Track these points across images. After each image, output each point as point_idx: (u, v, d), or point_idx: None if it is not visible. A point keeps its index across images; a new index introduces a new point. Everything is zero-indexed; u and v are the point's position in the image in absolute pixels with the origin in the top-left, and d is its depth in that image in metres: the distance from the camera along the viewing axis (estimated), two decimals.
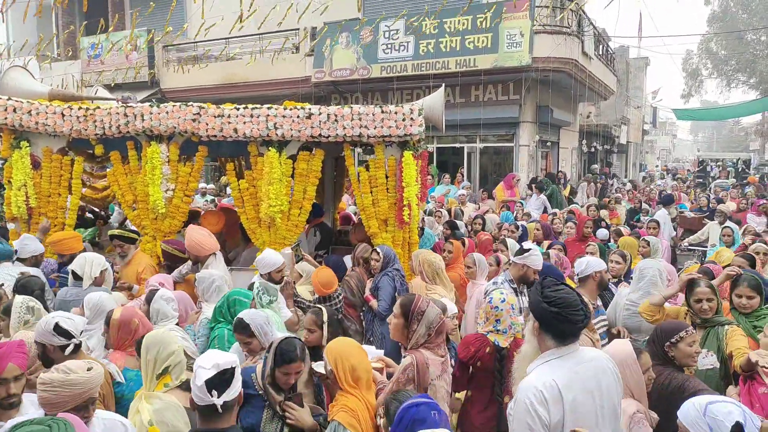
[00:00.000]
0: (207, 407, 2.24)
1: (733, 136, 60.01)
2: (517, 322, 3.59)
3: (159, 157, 5.82)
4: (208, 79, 15.94)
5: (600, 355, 2.50)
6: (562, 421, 2.27)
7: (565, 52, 13.62)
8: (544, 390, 2.27)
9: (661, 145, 55.30)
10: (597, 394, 2.36)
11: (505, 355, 3.49)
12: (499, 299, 3.56)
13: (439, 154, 16.37)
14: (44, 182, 6.31)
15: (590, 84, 15.95)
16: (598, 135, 21.83)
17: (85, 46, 15.39)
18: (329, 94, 15.88)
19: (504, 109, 14.93)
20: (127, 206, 6.18)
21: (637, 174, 30.75)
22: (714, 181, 22.27)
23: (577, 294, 2.48)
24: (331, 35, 14.55)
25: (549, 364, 2.37)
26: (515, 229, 7.42)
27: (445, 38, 13.97)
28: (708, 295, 3.92)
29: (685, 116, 26.74)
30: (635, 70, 29.78)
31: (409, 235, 5.70)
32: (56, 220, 6.34)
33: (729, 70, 35.07)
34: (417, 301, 3.11)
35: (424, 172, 7.27)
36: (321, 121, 5.36)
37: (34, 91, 6.64)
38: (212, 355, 2.35)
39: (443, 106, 6.39)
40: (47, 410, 2.42)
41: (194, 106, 5.69)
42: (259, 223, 5.75)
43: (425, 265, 5.09)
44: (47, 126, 6.11)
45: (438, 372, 3.04)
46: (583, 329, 2.42)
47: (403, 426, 2.28)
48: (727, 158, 27.71)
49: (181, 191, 5.94)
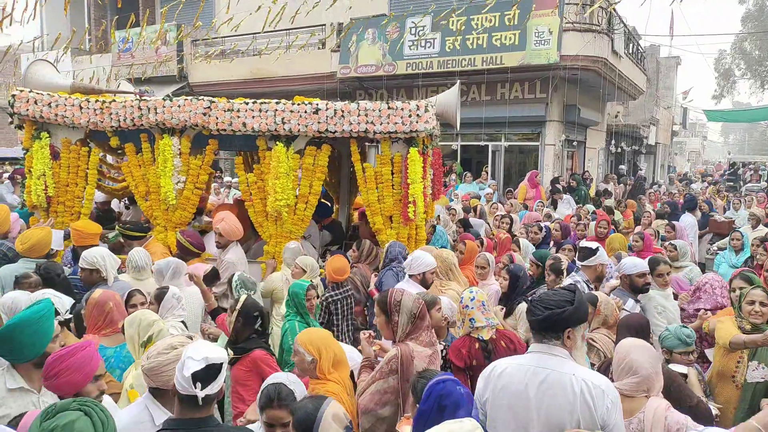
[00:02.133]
0: (188, 397, 2.25)
1: (765, 139, 57.81)
2: (491, 316, 3.53)
3: (171, 150, 5.86)
4: (235, 74, 15.89)
5: (574, 373, 2.42)
6: (488, 402, 2.56)
7: (595, 51, 13.16)
8: (488, 368, 2.64)
9: (691, 147, 53.50)
10: (534, 402, 2.43)
11: (491, 350, 3.43)
12: (469, 298, 3.51)
13: (463, 152, 16.06)
14: (63, 172, 6.38)
15: (619, 83, 15.43)
16: (626, 135, 21.17)
17: (116, 40, 15.53)
18: (354, 90, 15.72)
19: (530, 107, 14.54)
20: (140, 197, 6.21)
21: (666, 176, 29.76)
22: (745, 184, 21.35)
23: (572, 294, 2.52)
24: (357, 31, 14.36)
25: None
26: (539, 230, 7.15)
27: (472, 35, 13.65)
28: (762, 299, 3.60)
29: (716, 117, 25.85)
30: (666, 70, 28.74)
31: (416, 232, 5.58)
32: (73, 209, 6.42)
33: (763, 71, 33.62)
34: (391, 294, 3.18)
35: (438, 169, 7.07)
36: (328, 116, 5.30)
37: (56, 84, 6.75)
38: (203, 347, 2.33)
39: (458, 104, 6.19)
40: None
41: (205, 100, 5.70)
42: (266, 217, 5.73)
43: (438, 261, 4.92)
44: (66, 118, 6.19)
45: (424, 365, 3.04)
46: (540, 328, 2.51)
47: (432, 401, 2.38)
48: (759, 161, 26.52)
49: (191, 183, 5.96)
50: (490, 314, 3.54)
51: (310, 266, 4.85)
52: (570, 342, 2.48)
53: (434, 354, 3.16)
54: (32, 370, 2.67)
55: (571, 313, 2.45)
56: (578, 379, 2.38)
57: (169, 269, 4.37)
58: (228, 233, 5.51)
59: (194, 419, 2.28)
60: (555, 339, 2.48)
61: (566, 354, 2.47)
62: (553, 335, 2.48)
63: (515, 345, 3.48)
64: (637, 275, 4.48)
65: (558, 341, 2.48)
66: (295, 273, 4.88)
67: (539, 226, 7.30)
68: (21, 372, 2.66)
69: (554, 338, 2.48)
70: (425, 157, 5.55)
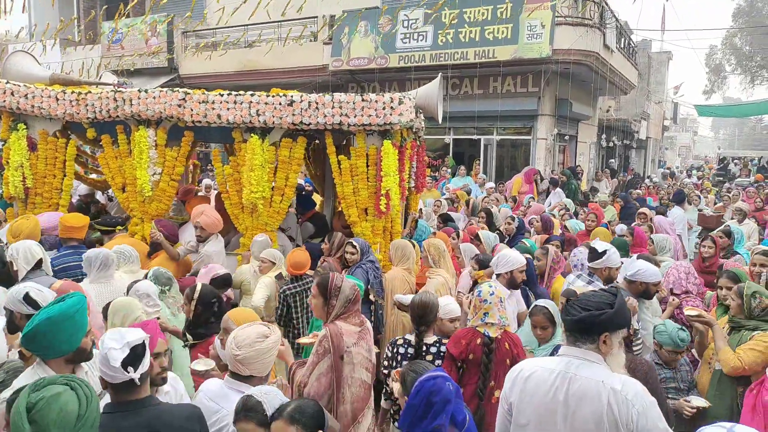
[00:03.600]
0: (123, 383, 2.23)
1: (755, 134, 57.49)
2: (504, 315, 3.46)
3: (146, 142, 5.72)
4: (226, 66, 15.61)
5: (603, 380, 2.23)
6: (514, 405, 2.42)
7: (587, 45, 12.98)
8: (516, 368, 2.49)
9: (682, 142, 53.15)
10: (561, 410, 2.27)
11: (493, 348, 3.35)
12: (488, 292, 3.43)
13: (456, 145, 15.84)
14: (40, 164, 6.23)
15: (611, 78, 15.25)
16: (617, 130, 20.97)
17: (106, 31, 15.23)
18: (346, 82, 15.50)
19: (522, 101, 14.36)
20: (117, 189, 6.06)
21: (656, 170, 29.52)
22: (735, 179, 21.15)
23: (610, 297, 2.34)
24: (349, 23, 14.12)
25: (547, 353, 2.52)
26: (511, 220, 7.02)
27: (464, 28, 13.44)
28: (727, 284, 3.80)
29: (706, 112, 25.61)
30: (657, 65, 28.44)
31: (391, 225, 5.50)
32: (51, 201, 6.26)
33: (753, 66, 33.28)
34: (332, 279, 3.21)
35: (421, 162, 6.88)
36: (302, 108, 5.14)
37: (35, 76, 6.59)
38: (118, 333, 2.28)
39: (440, 96, 6.01)
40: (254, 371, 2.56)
41: (180, 91, 5.54)
42: (242, 209, 5.60)
43: (431, 248, 5.09)
44: (42, 109, 6.04)
45: (354, 340, 3.14)
46: (574, 329, 2.33)
47: (421, 397, 2.38)
48: (749, 156, 26.28)
49: (167, 175, 5.81)
50: (505, 313, 3.46)
51: (278, 258, 4.76)
52: (606, 348, 2.28)
53: (363, 330, 3.23)
54: (63, 366, 2.54)
55: (610, 316, 2.25)
56: (606, 388, 2.20)
57: (97, 261, 4.08)
58: (208, 226, 5.37)
59: (136, 401, 2.27)
60: (590, 343, 2.29)
61: (600, 359, 2.27)
62: (588, 338, 2.29)
63: (518, 350, 3.41)
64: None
65: (593, 345, 2.28)
66: (263, 267, 4.74)
67: (512, 216, 7.19)
68: (53, 367, 2.53)
69: (589, 342, 2.29)
70: (403, 149, 5.39)
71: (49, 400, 1.85)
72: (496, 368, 3.32)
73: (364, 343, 3.20)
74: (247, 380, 2.54)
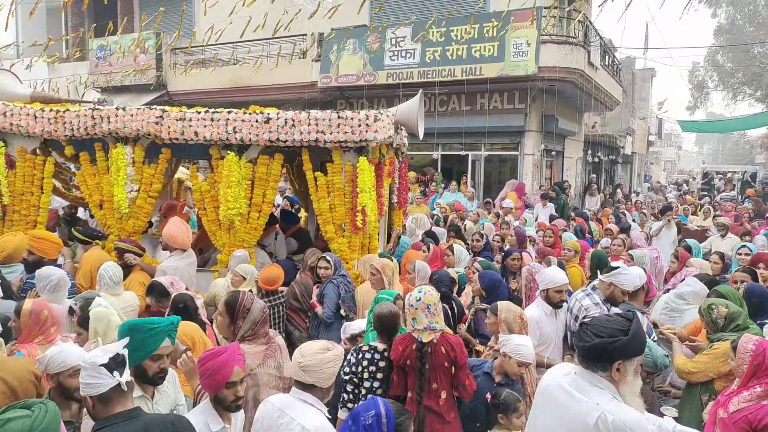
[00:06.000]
0: (110, 391, 2.18)
1: (738, 149, 57.87)
2: (435, 320, 3.32)
3: (124, 159, 5.60)
4: (215, 83, 15.48)
5: (598, 402, 2.14)
6: (532, 410, 2.44)
7: (572, 62, 12.99)
8: (543, 378, 2.45)
9: (667, 157, 53.38)
10: (553, 426, 2.25)
11: (425, 353, 3.25)
12: (415, 298, 3.37)
13: (444, 161, 15.77)
14: (18, 181, 6.08)
15: (596, 94, 15.25)
16: (603, 145, 20.99)
17: (94, 48, 15.06)
18: (335, 99, 15.42)
19: (509, 117, 14.35)
20: (95, 206, 5.92)
21: (642, 185, 29.54)
22: (719, 193, 21.12)
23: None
24: (338, 41, 14.07)
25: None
26: (480, 237, 6.89)
27: (451, 46, 13.42)
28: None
29: (690, 128, 25.70)
30: (641, 81, 28.57)
31: (369, 241, 5.39)
32: (29, 218, 6.10)
33: (735, 83, 33.44)
34: (242, 299, 3.12)
35: (404, 178, 6.75)
36: (279, 125, 5.05)
37: (15, 94, 6.47)
38: (97, 349, 2.29)
39: (420, 113, 5.89)
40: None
41: (157, 109, 5.41)
42: (219, 225, 5.49)
43: (386, 269, 4.82)
44: (20, 127, 5.91)
45: (258, 361, 3.09)
46: (586, 356, 2.19)
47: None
48: (732, 171, 26.30)
49: (144, 192, 5.68)
50: (436, 318, 3.33)
51: (249, 273, 4.66)
52: (619, 375, 2.11)
53: (270, 348, 3.16)
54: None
55: (624, 344, 2.09)
56: (599, 410, 2.05)
57: (49, 282, 3.87)
58: (168, 239, 5.14)
59: (124, 412, 2.23)
60: (601, 370, 2.12)
61: (612, 388, 2.11)
62: (599, 366, 2.13)
63: (456, 353, 3.30)
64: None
65: (605, 373, 2.12)
66: (234, 281, 4.63)
67: (480, 233, 7.07)
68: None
69: (600, 369, 2.12)
70: (381, 166, 5.25)
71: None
72: (435, 372, 3.26)
73: (272, 361, 3.14)
74: (309, 389, 2.57)
